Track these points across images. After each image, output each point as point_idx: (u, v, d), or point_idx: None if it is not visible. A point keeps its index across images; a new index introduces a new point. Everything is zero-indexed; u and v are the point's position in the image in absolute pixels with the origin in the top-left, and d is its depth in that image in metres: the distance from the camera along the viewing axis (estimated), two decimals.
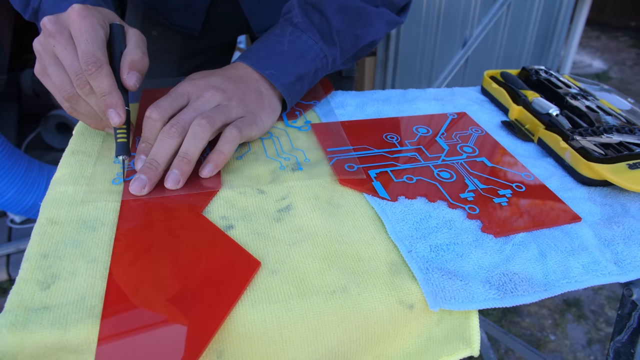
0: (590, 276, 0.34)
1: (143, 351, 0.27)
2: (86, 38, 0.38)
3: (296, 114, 0.52)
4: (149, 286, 0.30)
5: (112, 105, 0.39)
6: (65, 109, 0.42)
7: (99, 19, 0.40)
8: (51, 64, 0.39)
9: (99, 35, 0.39)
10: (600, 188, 0.43)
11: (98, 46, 0.38)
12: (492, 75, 0.60)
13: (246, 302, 0.30)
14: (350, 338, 0.31)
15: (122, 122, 0.40)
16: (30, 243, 0.33)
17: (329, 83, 0.58)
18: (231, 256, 0.33)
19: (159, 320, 0.28)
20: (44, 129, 1.64)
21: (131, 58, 0.41)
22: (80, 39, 0.38)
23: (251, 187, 0.40)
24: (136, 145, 0.41)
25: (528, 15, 1.81)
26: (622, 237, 0.37)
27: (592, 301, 1.30)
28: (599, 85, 0.60)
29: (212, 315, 0.29)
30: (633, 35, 3.35)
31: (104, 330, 0.27)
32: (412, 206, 0.39)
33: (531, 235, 0.37)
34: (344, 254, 0.34)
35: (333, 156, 0.44)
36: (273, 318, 0.29)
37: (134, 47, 0.42)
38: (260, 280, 0.31)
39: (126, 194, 0.38)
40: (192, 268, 0.32)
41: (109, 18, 0.42)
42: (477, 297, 0.31)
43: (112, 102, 0.39)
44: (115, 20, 0.43)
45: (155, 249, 0.33)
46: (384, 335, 0.32)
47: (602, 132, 0.47)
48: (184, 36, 0.66)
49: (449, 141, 0.48)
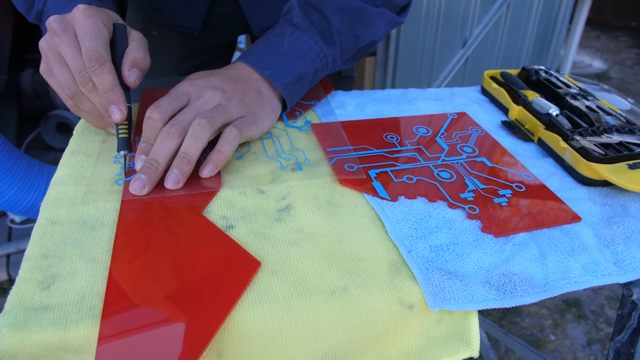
0: (590, 277, 0.34)
1: (143, 350, 0.27)
2: (90, 37, 0.39)
3: (296, 114, 0.52)
4: (149, 284, 0.30)
5: (113, 102, 0.40)
6: (69, 108, 0.42)
7: (102, 19, 0.40)
8: (56, 62, 0.40)
9: (103, 34, 0.40)
10: (600, 188, 0.43)
11: (101, 44, 0.39)
12: (492, 75, 0.60)
13: (246, 302, 0.30)
14: (350, 338, 0.31)
15: (124, 118, 0.41)
16: (30, 243, 0.33)
17: (329, 83, 0.58)
18: (231, 256, 0.33)
19: (159, 320, 0.28)
20: (44, 129, 1.64)
21: (133, 56, 0.42)
22: (84, 38, 0.39)
23: (251, 187, 0.40)
24: (136, 145, 0.41)
25: (528, 15, 1.81)
26: (622, 237, 0.37)
27: (592, 301, 1.30)
28: (599, 85, 0.60)
29: (213, 315, 0.29)
30: (633, 35, 3.35)
31: (104, 330, 0.27)
32: (412, 206, 0.39)
33: (531, 235, 0.37)
34: (344, 254, 0.34)
35: (333, 156, 0.44)
36: (273, 318, 0.29)
37: (136, 46, 0.43)
38: (260, 280, 0.31)
39: (126, 193, 0.38)
40: (191, 267, 0.32)
41: (112, 18, 0.43)
42: (476, 298, 0.31)
43: (114, 99, 0.40)
44: (118, 20, 0.44)
45: (154, 247, 0.33)
46: (383, 334, 0.32)
47: (602, 132, 0.47)
48: (184, 36, 0.66)
49: (449, 141, 0.48)
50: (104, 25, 0.40)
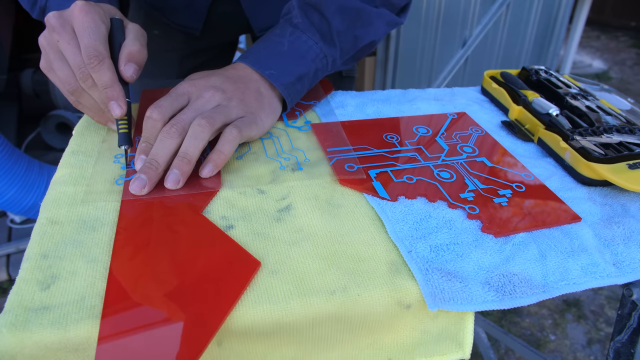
0: (589, 278, 0.34)
1: (144, 350, 0.27)
2: (88, 33, 0.39)
3: (296, 114, 0.52)
4: (149, 282, 0.30)
5: (113, 98, 0.40)
6: (71, 103, 0.43)
7: (100, 14, 0.41)
8: (56, 58, 0.40)
9: (101, 30, 0.40)
10: (600, 188, 0.43)
11: (100, 40, 0.40)
12: (492, 75, 0.60)
13: (246, 302, 0.30)
14: (344, 329, 0.31)
15: (123, 114, 0.41)
16: (30, 243, 0.33)
17: (329, 83, 0.58)
18: (231, 256, 0.33)
19: (160, 319, 0.28)
20: (44, 129, 1.64)
21: (128, 50, 0.42)
22: (82, 34, 0.39)
23: (251, 187, 0.40)
24: (136, 146, 0.41)
25: (527, 15, 1.81)
26: (622, 238, 0.37)
27: (592, 301, 1.30)
28: (599, 85, 0.60)
29: (213, 314, 0.29)
30: (633, 35, 3.35)
31: (104, 329, 0.27)
32: (412, 206, 0.39)
33: (531, 235, 0.37)
34: (344, 254, 0.34)
35: (333, 156, 0.44)
36: (273, 318, 0.29)
37: (132, 39, 0.43)
38: (260, 280, 0.31)
39: (126, 193, 0.38)
40: (191, 266, 0.32)
41: (110, 13, 0.43)
42: (475, 299, 0.31)
43: (114, 95, 0.40)
44: (117, 15, 0.44)
45: (154, 245, 0.33)
46: (378, 327, 0.32)
47: (602, 132, 0.47)
48: (185, 35, 0.66)
49: (449, 141, 0.48)
50: (101, 20, 0.40)
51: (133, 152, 0.43)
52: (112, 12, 0.43)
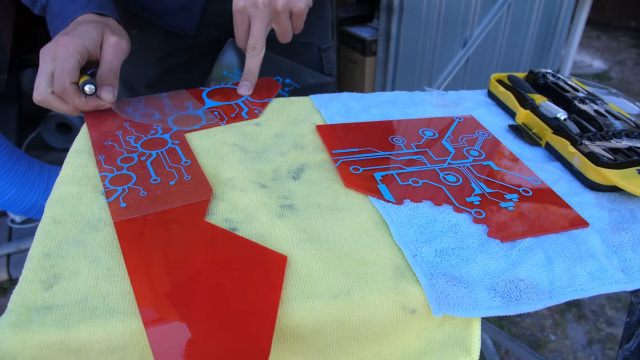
0: (597, 284, 0.34)
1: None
2: (60, 65, 0.44)
3: (256, 112, 0.52)
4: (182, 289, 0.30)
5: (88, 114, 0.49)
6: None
7: (78, 45, 0.45)
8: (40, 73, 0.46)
9: (71, 62, 0.45)
10: (608, 193, 0.43)
11: (66, 73, 0.44)
12: (499, 79, 0.60)
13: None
14: (351, 337, 0.31)
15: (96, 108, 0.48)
16: (34, 242, 0.33)
17: (274, 81, 0.60)
18: (255, 255, 0.33)
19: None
20: (44, 129, 1.64)
21: (98, 75, 0.48)
22: (56, 66, 0.45)
23: (252, 183, 0.40)
24: (103, 165, 0.41)
25: (528, 15, 1.81)
26: (630, 244, 0.37)
27: (592, 301, 1.30)
28: (607, 89, 0.59)
29: (263, 312, 0.29)
30: (633, 35, 3.34)
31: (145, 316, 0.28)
32: (417, 210, 0.38)
33: (538, 240, 0.36)
34: (348, 257, 0.34)
35: (338, 158, 0.44)
36: (277, 321, 0.29)
37: (102, 64, 0.48)
38: None
39: (116, 215, 0.36)
40: (217, 269, 0.31)
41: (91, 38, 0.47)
42: (481, 305, 0.31)
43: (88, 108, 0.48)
44: (114, 27, 0.49)
45: (169, 255, 0.32)
46: (384, 335, 0.31)
47: (611, 137, 0.46)
48: (164, 34, 0.65)
49: (455, 144, 0.48)
50: (77, 51, 0.45)
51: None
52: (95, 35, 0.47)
